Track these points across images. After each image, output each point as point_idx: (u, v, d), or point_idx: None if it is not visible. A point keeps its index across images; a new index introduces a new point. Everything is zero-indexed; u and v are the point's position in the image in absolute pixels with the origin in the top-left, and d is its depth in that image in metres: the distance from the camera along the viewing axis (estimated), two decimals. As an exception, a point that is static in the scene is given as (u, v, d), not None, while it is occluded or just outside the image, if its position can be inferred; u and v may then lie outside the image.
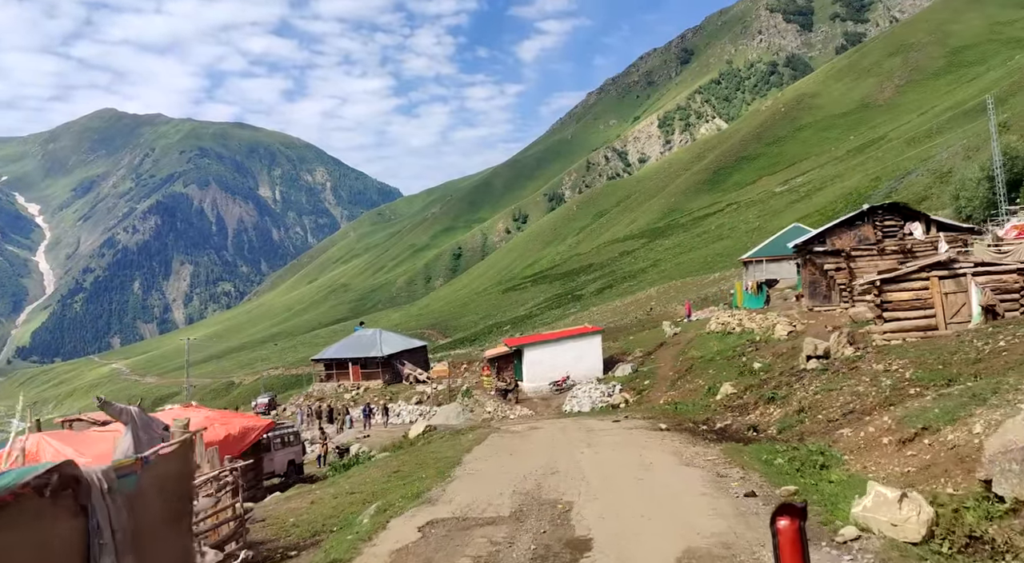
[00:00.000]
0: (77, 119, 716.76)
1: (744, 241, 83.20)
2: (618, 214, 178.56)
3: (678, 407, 22.88)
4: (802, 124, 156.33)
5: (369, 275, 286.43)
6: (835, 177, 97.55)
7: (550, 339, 42.06)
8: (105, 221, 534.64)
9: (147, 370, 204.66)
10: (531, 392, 38.46)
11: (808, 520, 4.23)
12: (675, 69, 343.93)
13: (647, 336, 43.92)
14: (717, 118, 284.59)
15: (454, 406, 41.80)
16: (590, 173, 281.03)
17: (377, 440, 32.92)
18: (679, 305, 52.04)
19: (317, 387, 65.22)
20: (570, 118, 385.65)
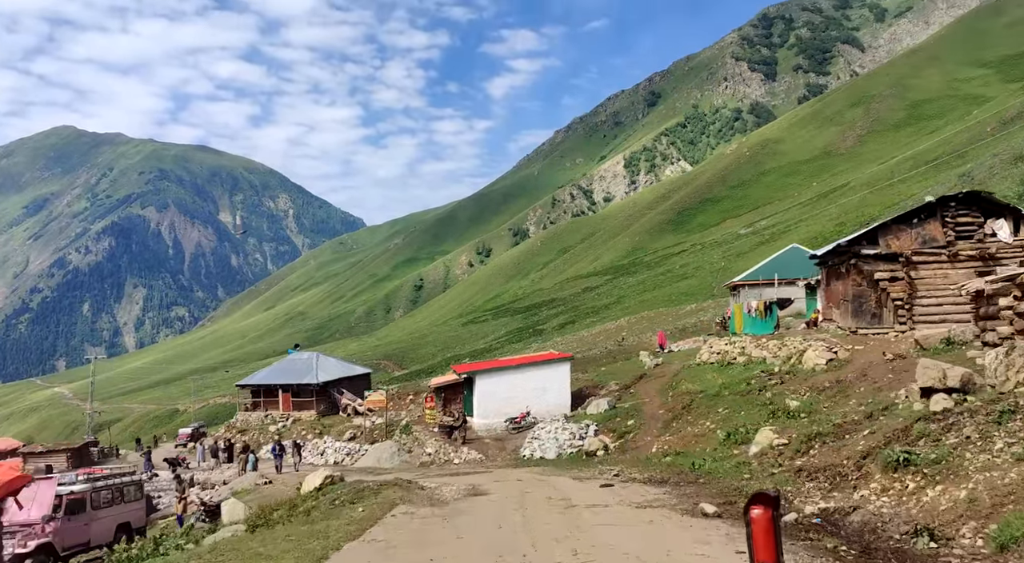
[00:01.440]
0: (33, 135, 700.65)
1: (709, 281, 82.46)
2: (582, 251, 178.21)
3: (694, 464, 16.40)
4: (766, 169, 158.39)
5: (328, 304, 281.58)
6: (799, 221, 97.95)
7: (507, 366, 36.06)
8: (57, 241, 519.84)
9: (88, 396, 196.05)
10: (482, 430, 32.84)
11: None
12: (642, 111, 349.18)
13: (622, 367, 39.29)
14: (682, 160, 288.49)
15: (389, 445, 35.20)
16: (555, 210, 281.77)
17: (273, 492, 24.65)
18: (654, 335, 48.55)
19: (241, 417, 57.41)
20: (537, 155, 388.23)
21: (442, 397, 37.28)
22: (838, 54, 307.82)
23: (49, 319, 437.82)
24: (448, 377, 38.84)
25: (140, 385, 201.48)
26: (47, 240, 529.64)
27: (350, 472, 28.33)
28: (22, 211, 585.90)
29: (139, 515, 23.77)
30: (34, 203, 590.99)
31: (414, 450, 33.38)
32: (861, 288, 24.25)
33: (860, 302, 24.33)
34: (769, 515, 4.09)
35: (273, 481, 27.03)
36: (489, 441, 31.19)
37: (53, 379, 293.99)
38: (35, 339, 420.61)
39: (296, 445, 35.50)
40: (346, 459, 37.33)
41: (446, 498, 15.13)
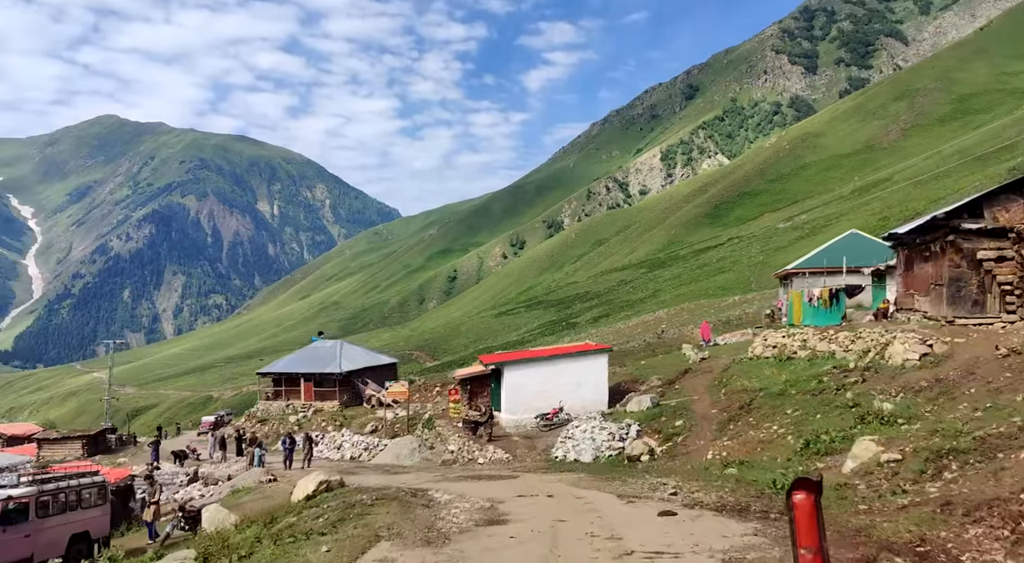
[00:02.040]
0: (78, 124, 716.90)
1: (746, 275, 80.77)
2: (617, 244, 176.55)
3: (774, 481, 13.08)
4: (806, 162, 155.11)
5: (362, 294, 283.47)
6: (839, 215, 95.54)
7: (539, 357, 33.11)
8: (99, 227, 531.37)
9: (127, 381, 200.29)
10: (511, 426, 30.17)
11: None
12: (679, 104, 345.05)
13: (663, 361, 36.53)
14: (719, 154, 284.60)
15: (409, 441, 32.66)
16: (590, 202, 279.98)
17: (275, 492, 21.76)
18: (696, 327, 45.88)
19: (262, 406, 55.46)
20: (573, 147, 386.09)
21: (468, 390, 34.75)
22: (881, 47, 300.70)
23: (90, 305, 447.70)
24: (475, 368, 36.09)
25: (177, 371, 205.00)
26: (90, 227, 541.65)
27: (365, 470, 26.88)
28: (66, 198, 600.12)
29: (100, 523, 20.08)
30: (78, 190, 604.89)
31: (436, 446, 31.23)
32: (959, 270, 20.22)
33: (958, 287, 20.28)
34: (812, 500, 4.05)
35: (279, 478, 25.07)
36: (518, 439, 28.57)
37: (93, 364, 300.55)
38: (76, 324, 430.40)
39: (309, 439, 32.54)
40: (364, 454, 35.09)
41: (450, 529, 11.29)
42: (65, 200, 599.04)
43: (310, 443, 32.18)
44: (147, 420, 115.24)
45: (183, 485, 32.65)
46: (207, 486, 29.86)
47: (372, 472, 25.22)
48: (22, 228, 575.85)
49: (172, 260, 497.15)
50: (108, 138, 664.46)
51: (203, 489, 29.44)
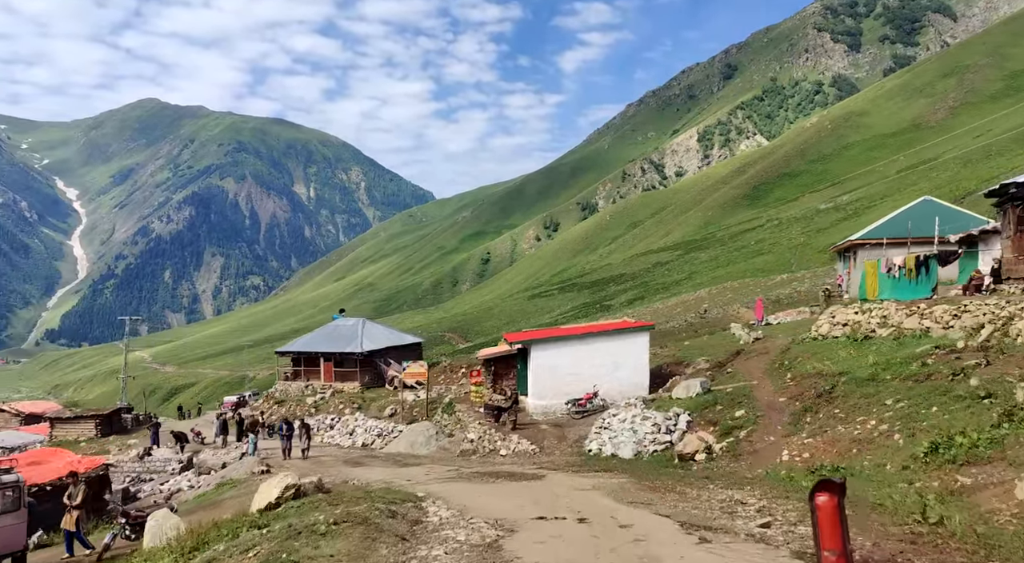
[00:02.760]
0: (120, 108, 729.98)
1: (787, 257, 78.69)
2: (652, 226, 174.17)
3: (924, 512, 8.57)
4: (849, 142, 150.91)
5: (396, 276, 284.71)
6: (884, 196, 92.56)
7: (571, 335, 30.08)
8: (141, 209, 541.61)
9: (168, 360, 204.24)
10: (538, 413, 27.49)
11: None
12: (717, 84, 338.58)
13: (710, 342, 33.58)
14: (758, 135, 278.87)
15: (425, 427, 29.56)
16: (625, 184, 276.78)
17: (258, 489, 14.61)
18: (744, 307, 42.99)
19: (280, 387, 52.52)
20: (608, 129, 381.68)
21: (491, 371, 31.73)
22: (928, 24, 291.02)
23: (133, 285, 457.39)
24: (500, 348, 33.09)
25: (216, 351, 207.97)
26: (132, 209, 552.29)
27: (374, 460, 24.89)
28: (109, 180, 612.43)
29: (12, 534, 15.67)
30: (120, 173, 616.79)
31: (455, 434, 28.50)
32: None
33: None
34: (835, 502, 3.95)
35: (274, 469, 22.48)
36: (546, 427, 25.66)
37: (135, 343, 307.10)
38: (120, 304, 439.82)
39: (305, 426, 29.08)
40: (377, 441, 32.61)
41: None
42: (108, 182, 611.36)
43: (307, 430, 28.88)
44: (185, 399, 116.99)
45: (175, 473, 30.53)
46: (200, 476, 27.82)
47: (380, 463, 23.27)
48: (67, 210, 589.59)
49: (211, 242, 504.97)
50: (149, 121, 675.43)
51: (195, 479, 27.39)
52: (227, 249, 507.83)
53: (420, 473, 18.58)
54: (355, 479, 17.82)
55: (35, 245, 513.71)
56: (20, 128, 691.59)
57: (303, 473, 18.90)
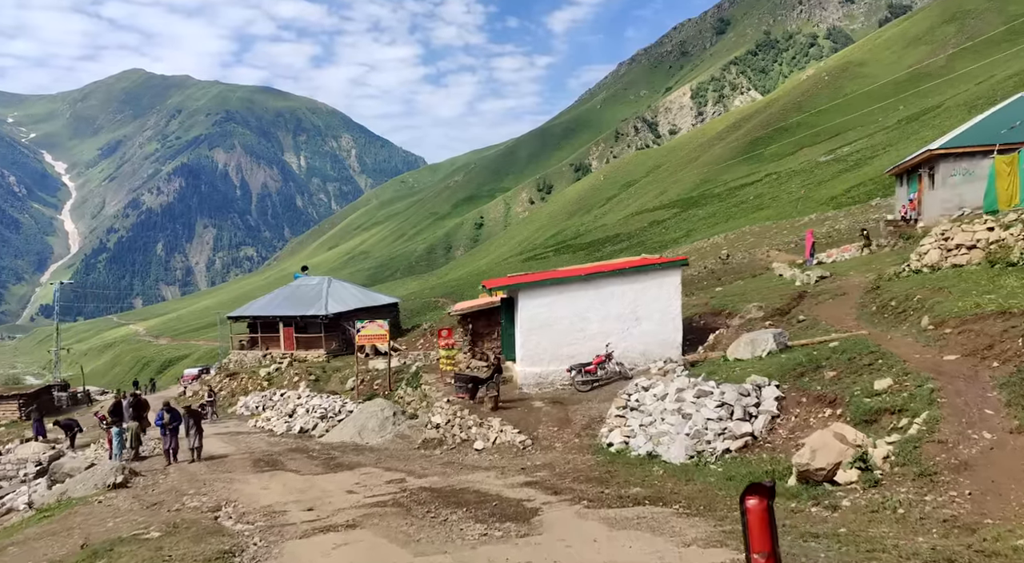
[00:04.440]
0: (105, 79, 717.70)
1: (789, 210, 76.53)
2: (647, 184, 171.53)
3: None
4: (846, 93, 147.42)
5: (389, 243, 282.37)
6: (887, 145, 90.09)
7: (574, 276, 22.47)
8: (130, 182, 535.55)
9: (162, 332, 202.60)
10: (530, 385, 21.05)
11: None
12: (710, 40, 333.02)
13: (750, 287, 27.75)
14: (752, 90, 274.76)
15: (378, 407, 23.52)
16: (618, 144, 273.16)
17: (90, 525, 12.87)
18: (775, 249, 38.49)
19: (235, 357, 46.87)
20: (599, 89, 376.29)
21: (468, 330, 25.61)
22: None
23: (125, 259, 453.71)
24: (480, 300, 27.15)
25: (209, 323, 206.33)
26: (121, 181, 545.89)
27: (299, 457, 19.62)
28: (97, 153, 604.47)
29: None
30: (108, 145, 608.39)
31: (420, 416, 22.66)
32: None
33: None
34: (764, 505, 4.05)
35: (144, 476, 17.12)
36: (541, 405, 18.99)
37: (130, 316, 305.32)
38: (113, 278, 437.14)
39: (193, 415, 20.80)
40: (320, 425, 26.57)
41: None
42: (97, 155, 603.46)
43: (195, 421, 20.70)
44: (178, 371, 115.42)
45: (28, 480, 24.31)
46: (52, 486, 20.10)
47: (305, 462, 18.34)
48: (56, 184, 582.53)
49: (203, 213, 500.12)
50: (135, 93, 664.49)
51: (45, 493, 19.65)
52: (219, 220, 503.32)
53: (343, 489, 13.81)
54: (234, 504, 13.22)
55: (25, 220, 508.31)
56: (5, 102, 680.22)
57: (164, 493, 14.91)
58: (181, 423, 20.57)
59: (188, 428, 20.56)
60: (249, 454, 21.34)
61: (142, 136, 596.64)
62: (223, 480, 16.28)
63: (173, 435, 20.40)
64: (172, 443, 20.38)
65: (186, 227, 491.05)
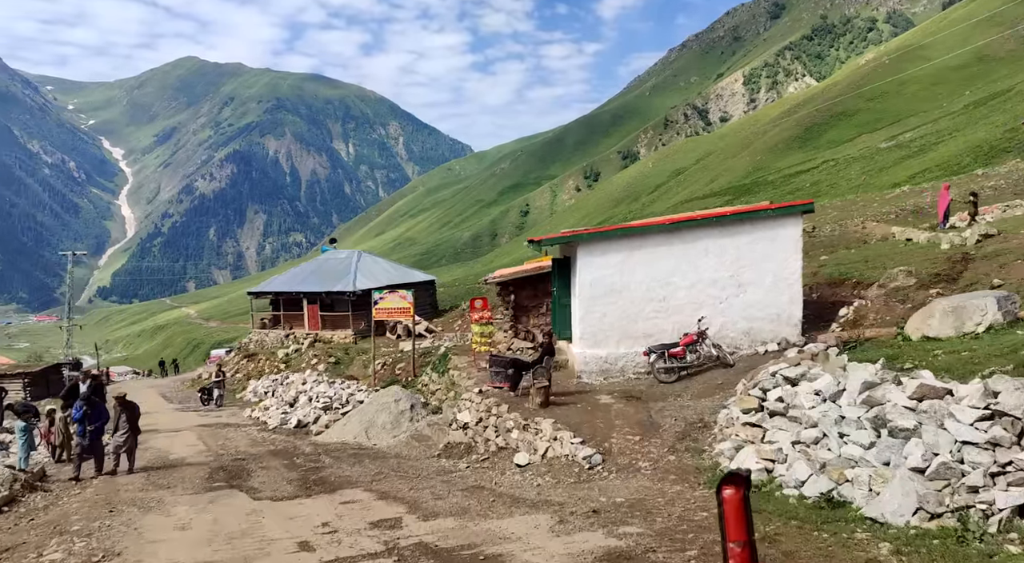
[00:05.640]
0: (161, 66, 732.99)
1: (849, 199, 73.56)
2: (697, 172, 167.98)
3: None
4: (908, 78, 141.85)
5: (435, 230, 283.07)
6: (953, 131, 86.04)
7: (653, 226, 17.45)
8: (184, 168, 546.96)
9: (213, 315, 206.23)
10: (591, 372, 16.28)
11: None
12: (764, 24, 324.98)
13: (870, 253, 22.33)
14: (807, 76, 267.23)
15: (393, 397, 19.41)
16: (667, 131, 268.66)
17: None
18: (867, 219, 35.02)
19: (256, 336, 43.57)
20: (648, 76, 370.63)
21: (509, 303, 21.32)
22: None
23: (179, 243, 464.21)
24: (524, 266, 22.52)
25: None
26: (175, 168, 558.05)
27: (277, 463, 15.96)
28: (153, 140, 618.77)
29: None
30: (163, 132, 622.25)
31: (445, 409, 18.18)
32: None
33: None
34: (741, 495, 4.11)
35: (25, 501, 13.19)
36: (609, 401, 14.17)
37: (182, 299, 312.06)
38: (167, 262, 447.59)
39: (125, 406, 15.60)
40: (322, 418, 22.32)
41: None
42: (152, 142, 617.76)
43: (127, 414, 15.55)
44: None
45: None
46: None
47: (277, 479, 14.15)
48: (115, 170, 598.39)
49: (253, 199, 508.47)
50: (189, 80, 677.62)
51: None
52: (269, 206, 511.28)
53: (299, 538, 9.57)
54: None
55: (84, 205, 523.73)
56: (66, 89, 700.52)
57: (38, 528, 11.03)
58: (104, 418, 15.79)
59: (117, 426, 15.55)
60: (215, 458, 17.28)
61: (196, 123, 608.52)
62: (141, 507, 12.03)
63: (93, 437, 15.37)
64: (91, 440, 15.34)
65: (237, 213, 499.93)
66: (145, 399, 35.57)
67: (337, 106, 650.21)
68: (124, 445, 15.71)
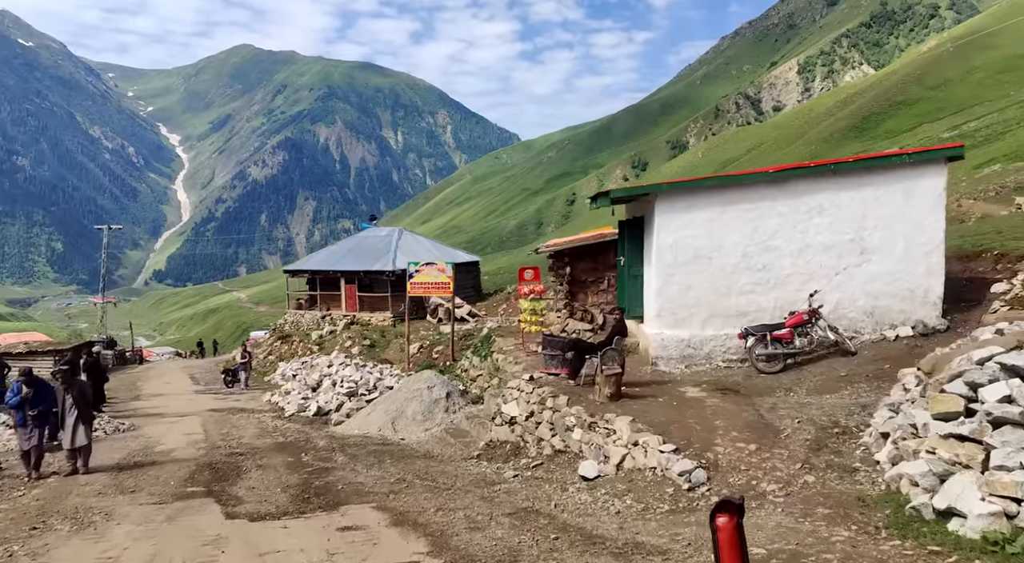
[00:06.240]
0: (217, 54, 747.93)
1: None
2: (748, 162, 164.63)
3: None
4: (974, 66, 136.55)
5: (481, 218, 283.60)
6: (1019, 121, 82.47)
7: (755, 175, 14.58)
8: (238, 154, 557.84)
9: (262, 300, 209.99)
10: (670, 358, 13.52)
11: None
12: (820, 11, 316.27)
13: (1001, 225, 19.46)
14: (865, 64, 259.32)
15: (427, 382, 17.29)
16: (718, 121, 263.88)
17: None
18: (968, 198, 31.92)
19: (291, 317, 42.46)
20: (699, 65, 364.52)
21: (564, 276, 18.57)
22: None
23: (232, 228, 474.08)
24: (585, 234, 19.59)
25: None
26: (229, 154, 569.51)
27: (285, 458, 13.82)
28: (208, 127, 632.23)
29: None
30: (218, 119, 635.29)
31: (487, 401, 15.88)
32: None
33: None
34: (734, 523, 3.95)
35: None
36: (701, 396, 11.49)
37: (234, 283, 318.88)
38: (220, 246, 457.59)
39: (75, 388, 12.89)
40: (346, 405, 20.04)
41: None
42: (208, 128, 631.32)
43: (75, 399, 12.73)
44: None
45: None
46: None
47: (273, 476, 12.27)
48: (171, 155, 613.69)
49: (304, 186, 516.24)
50: (244, 68, 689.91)
51: None
52: (319, 193, 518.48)
53: None
54: None
55: (143, 189, 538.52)
56: (127, 76, 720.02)
57: None
58: (55, 405, 12.46)
59: (64, 413, 12.36)
60: (208, 452, 14.83)
61: (249, 110, 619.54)
62: (78, 522, 9.59)
63: (38, 427, 12.06)
64: (37, 438, 12.11)
65: (288, 199, 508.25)
66: (172, 380, 34.92)
67: (387, 94, 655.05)
68: (78, 440, 12.38)
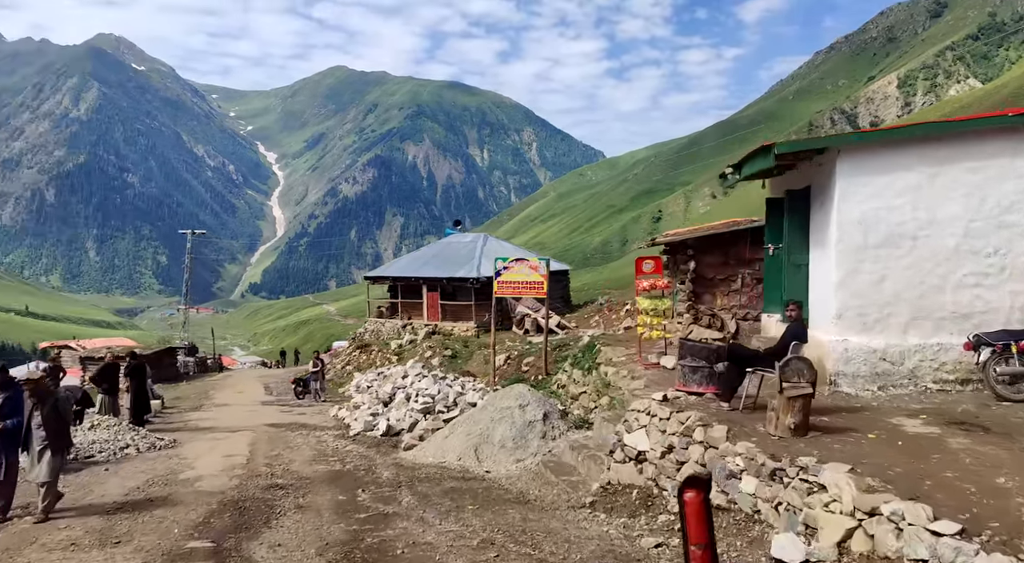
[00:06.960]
0: (312, 76, 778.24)
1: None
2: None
3: None
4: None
5: (565, 235, 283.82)
6: None
7: (986, 119, 10.13)
8: (330, 172, 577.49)
9: (350, 313, 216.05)
10: (857, 376, 9.72)
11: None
12: (923, 24, 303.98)
13: None
14: (971, 78, 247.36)
15: (517, 400, 14.03)
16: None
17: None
18: None
19: (372, 326, 40.41)
20: (792, 80, 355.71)
21: (686, 273, 15.41)
22: None
23: (323, 243, 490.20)
24: (708, 225, 16.12)
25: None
26: (322, 172, 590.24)
27: (334, 495, 10.73)
28: (303, 145, 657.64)
29: None
30: (312, 138, 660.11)
31: (598, 427, 12.37)
32: None
33: None
34: (701, 498, 4.14)
35: None
36: (920, 428, 7.74)
37: (324, 297, 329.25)
38: (311, 261, 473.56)
39: (42, 399, 9.82)
40: (421, 423, 16.97)
41: None
42: (302, 147, 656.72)
43: (44, 415, 9.75)
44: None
45: None
46: None
47: (311, 525, 9.00)
48: (268, 173, 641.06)
49: (392, 202, 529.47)
50: (338, 88, 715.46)
51: None
52: (406, 209, 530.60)
53: None
54: None
55: (241, 206, 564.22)
56: (229, 97, 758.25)
57: None
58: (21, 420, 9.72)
59: (31, 433, 9.72)
60: (243, 482, 11.82)
61: (342, 129, 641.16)
62: None
63: (5, 444, 9.68)
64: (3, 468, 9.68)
65: (376, 215, 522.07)
66: (245, 389, 33.73)
67: (474, 113, 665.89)
68: (43, 473, 9.62)
